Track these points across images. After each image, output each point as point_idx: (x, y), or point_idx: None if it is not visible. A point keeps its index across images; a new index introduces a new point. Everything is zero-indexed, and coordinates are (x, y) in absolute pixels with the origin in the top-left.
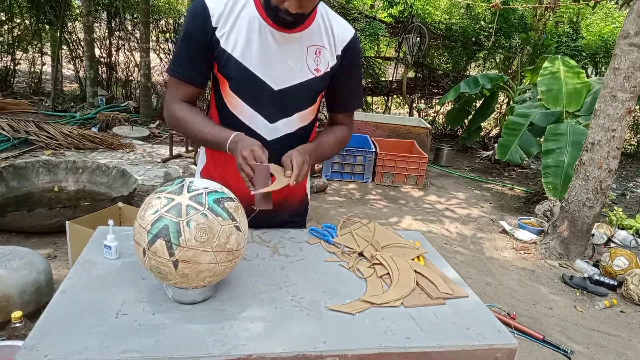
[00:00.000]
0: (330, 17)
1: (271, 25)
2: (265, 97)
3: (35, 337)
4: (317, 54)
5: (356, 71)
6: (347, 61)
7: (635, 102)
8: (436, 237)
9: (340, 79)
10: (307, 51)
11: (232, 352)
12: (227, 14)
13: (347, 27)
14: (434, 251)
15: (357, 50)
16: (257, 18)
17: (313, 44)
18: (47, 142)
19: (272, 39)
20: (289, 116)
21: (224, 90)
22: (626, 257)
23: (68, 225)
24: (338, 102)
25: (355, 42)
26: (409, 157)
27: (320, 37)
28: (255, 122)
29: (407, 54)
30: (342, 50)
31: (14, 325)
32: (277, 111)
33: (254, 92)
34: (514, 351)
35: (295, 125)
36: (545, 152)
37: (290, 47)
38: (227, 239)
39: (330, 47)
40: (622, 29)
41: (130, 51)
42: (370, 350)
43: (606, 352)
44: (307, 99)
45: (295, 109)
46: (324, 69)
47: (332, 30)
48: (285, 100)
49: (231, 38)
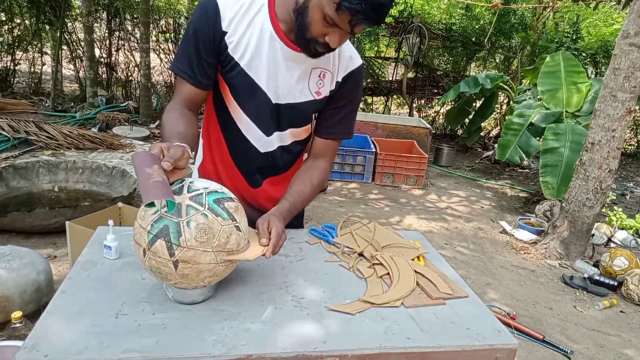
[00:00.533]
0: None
1: (282, 39)
2: (263, 109)
3: (35, 337)
4: (320, 77)
5: (350, 102)
6: (344, 90)
7: (635, 102)
8: (436, 237)
9: (333, 103)
10: (311, 73)
11: (232, 352)
12: (239, 20)
13: (355, 57)
14: (434, 251)
15: (358, 82)
16: (269, 29)
17: (318, 66)
18: (47, 142)
19: (281, 53)
20: (282, 130)
21: (225, 94)
22: (626, 257)
23: (68, 225)
24: (324, 125)
25: (359, 73)
26: (409, 157)
27: (327, 61)
28: (251, 132)
29: (407, 54)
30: (343, 78)
31: (14, 325)
32: (273, 124)
33: (253, 102)
34: (514, 351)
35: (288, 139)
36: (544, 152)
37: (295, 66)
38: (227, 239)
39: (333, 71)
40: (622, 29)
41: (130, 51)
42: (370, 350)
43: (606, 352)
44: (302, 119)
45: (289, 125)
46: (324, 93)
47: (340, 55)
48: (282, 114)
49: (240, 46)
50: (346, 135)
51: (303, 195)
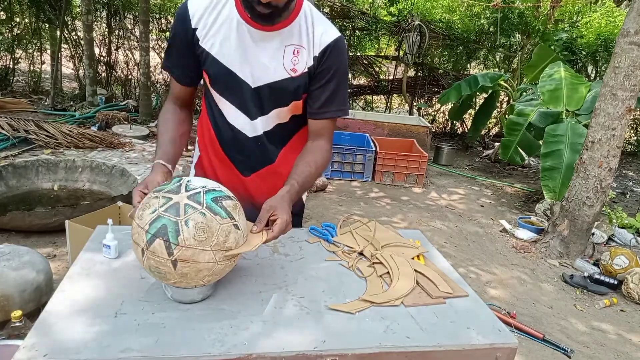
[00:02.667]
0: (314, 18)
1: (249, 23)
2: (244, 95)
3: (34, 336)
4: (295, 53)
5: (336, 76)
6: (325, 64)
7: (636, 100)
8: (436, 235)
9: (317, 81)
10: (284, 50)
11: (231, 352)
12: (207, 15)
13: (331, 29)
14: (433, 250)
15: (339, 54)
16: (236, 16)
17: (291, 43)
18: (46, 141)
19: (249, 36)
20: (266, 113)
21: (208, 86)
22: (626, 256)
23: (67, 224)
24: (314, 106)
25: (337, 45)
26: (409, 156)
27: (300, 36)
28: (236, 118)
29: (407, 52)
30: (321, 52)
31: (13, 324)
32: (257, 109)
33: (233, 89)
34: (514, 350)
35: (273, 122)
36: (544, 155)
37: (266, 45)
38: (225, 238)
39: (308, 47)
40: (622, 27)
41: (129, 50)
42: (370, 349)
43: (606, 351)
44: (284, 98)
45: (272, 106)
46: (301, 69)
47: (314, 30)
48: (263, 98)
49: (209, 36)
50: (340, 112)
51: (309, 176)
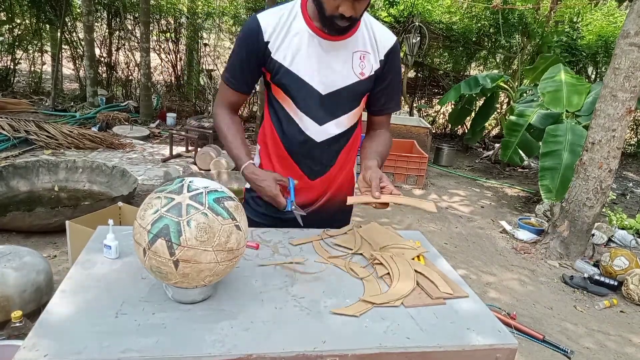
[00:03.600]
0: (373, 25)
1: (319, 34)
2: (314, 102)
3: (34, 337)
4: (361, 59)
5: (396, 75)
6: (389, 65)
7: (636, 101)
8: (436, 236)
9: (381, 81)
10: (352, 56)
11: (232, 352)
12: (279, 29)
13: (389, 34)
14: (434, 251)
15: (398, 55)
16: (306, 30)
17: (358, 49)
18: (47, 142)
19: (320, 47)
20: (336, 118)
21: (279, 95)
22: (626, 257)
23: (68, 224)
24: (378, 104)
25: (396, 47)
26: (409, 157)
27: (365, 43)
28: (305, 124)
29: (407, 53)
30: (385, 55)
31: (13, 324)
32: (325, 114)
33: (303, 97)
34: (514, 351)
35: (343, 126)
36: (543, 155)
37: (337, 53)
38: (227, 238)
39: (374, 52)
40: (623, 28)
41: (130, 51)
42: (370, 350)
43: (606, 352)
44: (353, 101)
45: (343, 111)
46: (368, 73)
47: (375, 36)
48: (333, 103)
49: (282, 49)
50: (398, 107)
51: (384, 154)
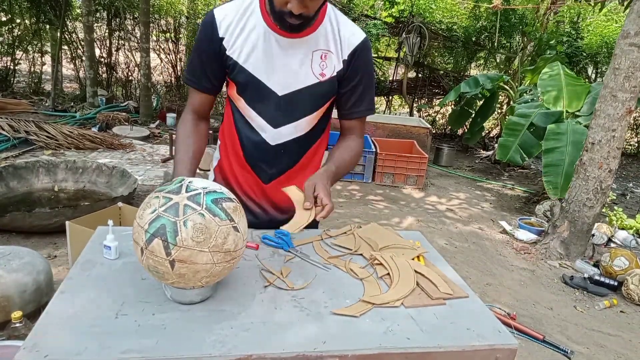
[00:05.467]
0: (339, 21)
1: (276, 31)
2: (270, 103)
3: (35, 337)
4: (322, 58)
5: (365, 77)
6: (354, 66)
7: (636, 102)
8: (436, 236)
9: (347, 83)
10: (312, 56)
11: (232, 352)
12: (234, 24)
13: (357, 32)
14: (434, 251)
15: (367, 55)
16: (263, 25)
17: (319, 48)
18: (47, 142)
19: (277, 44)
20: (294, 121)
21: (233, 94)
22: (626, 258)
23: (68, 225)
24: (345, 107)
25: (365, 46)
26: (409, 157)
27: (327, 41)
28: (260, 125)
29: (407, 53)
30: (349, 55)
31: (13, 325)
32: (282, 116)
33: (258, 97)
34: (514, 351)
35: (302, 130)
36: (546, 151)
37: (294, 52)
38: (224, 240)
39: (336, 51)
40: (623, 29)
41: (130, 51)
42: (370, 350)
43: (606, 353)
44: (313, 104)
45: (302, 113)
46: (329, 74)
47: (340, 34)
48: (291, 105)
49: (236, 45)
50: (369, 112)
51: (344, 162)
